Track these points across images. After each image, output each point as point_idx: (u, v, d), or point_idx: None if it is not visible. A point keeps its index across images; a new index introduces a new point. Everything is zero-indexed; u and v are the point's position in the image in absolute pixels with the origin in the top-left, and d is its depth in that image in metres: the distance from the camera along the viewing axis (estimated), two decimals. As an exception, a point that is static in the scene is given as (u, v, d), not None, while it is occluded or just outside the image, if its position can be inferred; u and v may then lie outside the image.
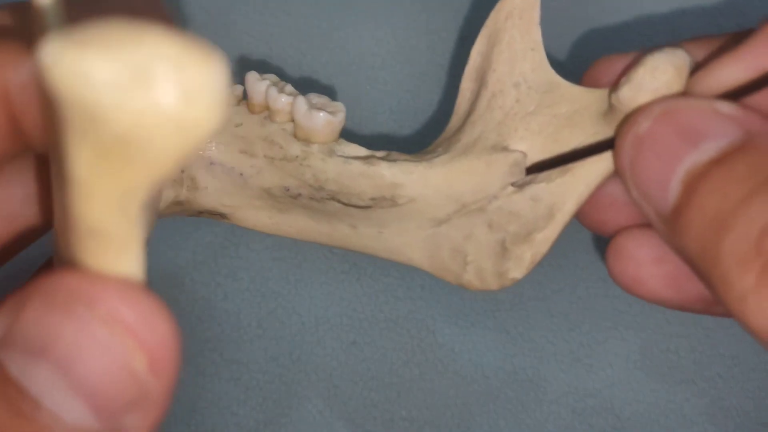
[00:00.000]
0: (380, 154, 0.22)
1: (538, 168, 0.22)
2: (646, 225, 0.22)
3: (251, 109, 0.23)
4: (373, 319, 0.27)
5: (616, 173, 0.21)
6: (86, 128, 0.11)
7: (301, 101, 0.22)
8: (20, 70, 0.15)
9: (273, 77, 0.23)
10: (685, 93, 0.20)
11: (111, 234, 0.12)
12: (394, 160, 0.22)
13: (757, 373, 0.26)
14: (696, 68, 0.20)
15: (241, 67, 0.28)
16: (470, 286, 0.23)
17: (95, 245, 0.12)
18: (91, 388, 0.12)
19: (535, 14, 0.22)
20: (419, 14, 0.28)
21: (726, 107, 0.18)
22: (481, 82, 0.23)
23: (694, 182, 0.18)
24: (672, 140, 0.18)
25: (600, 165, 0.21)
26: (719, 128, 0.18)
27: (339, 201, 0.22)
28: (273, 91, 0.22)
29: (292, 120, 0.22)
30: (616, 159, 0.20)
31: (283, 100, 0.22)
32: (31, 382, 0.12)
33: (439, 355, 0.26)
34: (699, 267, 0.17)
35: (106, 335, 0.12)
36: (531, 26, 0.22)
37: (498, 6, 0.22)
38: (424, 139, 0.28)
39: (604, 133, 0.21)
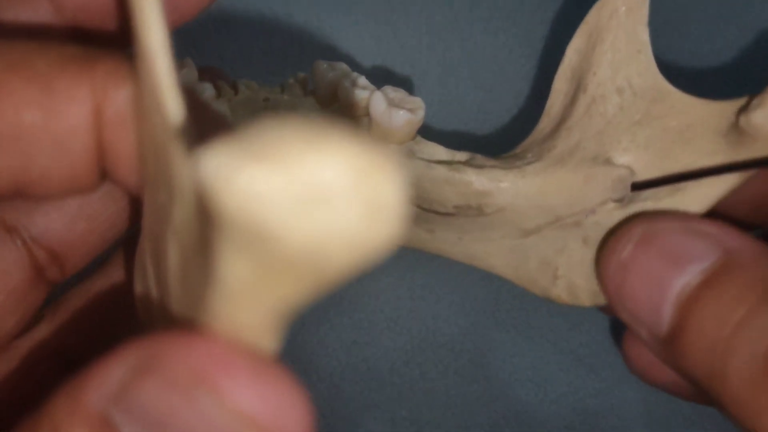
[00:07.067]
0: (463, 156, 0.20)
1: (643, 185, 0.20)
2: None
3: (320, 102, 0.20)
4: (374, 319, 0.27)
5: (604, 296, 0.20)
6: (247, 243, 0.09)
7: (379, 98, 0.19)
8: (118, 96, 0.14)
9: (344, 67, 0.21)
10: (665, 213, 0.19)
11: (251, 329, 0.11)
12: (481, 166, 0.20)
13: (757, 374, 0.27)
14: None
15: (242, 66, 0.28)
16: (559, 300, 0.21)
17: (230, 330, 0.11)
18: None
19: (644, 12, 0.19)
20: (419, 14, 0.28)
21: (703, 226, 0.18)
22: (578, 85, 0.20)
23: (687, 306, 0.18)
24: (657, 265, 0.18)
25: (717, 187, 0.19)
26: (699, 249, 0.18)
27: (418, 206, 0.21)
28: (345, 83, 0.20)
29: (367, 115, 0.20)
30: (601, 283, 0.20)
31: (357, 94, 0.20)
32: None
33: (439, 355, 0.26)
34: (705, 387, 0.18)
35: (230, 429, 0.11)
36: (638, 26, 0.19)
37: (601, 2, 0.19)
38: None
39: (723, 153, 0.19)
